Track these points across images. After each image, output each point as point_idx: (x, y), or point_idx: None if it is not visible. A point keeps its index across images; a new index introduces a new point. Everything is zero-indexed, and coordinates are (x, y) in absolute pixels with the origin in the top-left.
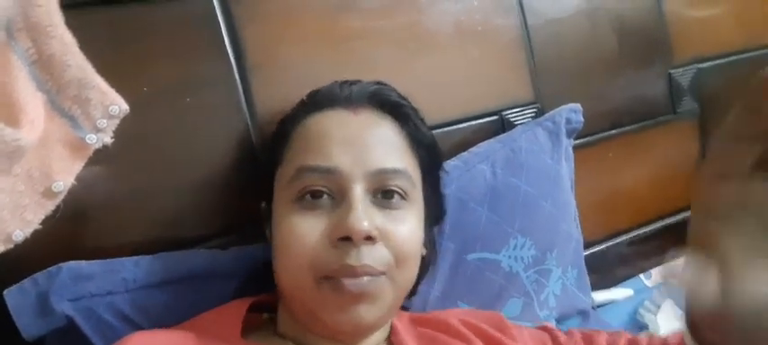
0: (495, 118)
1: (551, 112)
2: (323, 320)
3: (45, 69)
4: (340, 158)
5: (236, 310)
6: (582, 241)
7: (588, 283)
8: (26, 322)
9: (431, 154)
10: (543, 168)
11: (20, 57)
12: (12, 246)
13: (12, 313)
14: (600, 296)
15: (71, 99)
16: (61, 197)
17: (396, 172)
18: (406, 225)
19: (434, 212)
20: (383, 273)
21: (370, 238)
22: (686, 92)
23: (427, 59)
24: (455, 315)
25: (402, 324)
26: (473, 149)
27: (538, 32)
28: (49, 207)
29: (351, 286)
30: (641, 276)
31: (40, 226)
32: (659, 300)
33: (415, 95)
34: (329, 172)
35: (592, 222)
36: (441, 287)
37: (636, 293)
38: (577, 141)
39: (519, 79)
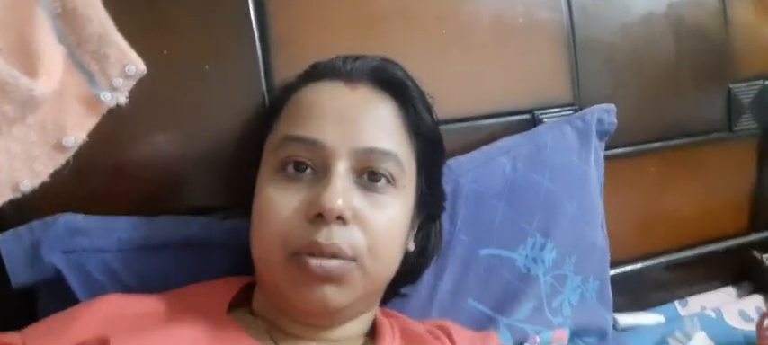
0: (526, 116)
1: (583, 111)
2: (289, 297)
3: (67, 22)
4: (327, 131)
5: (229, 286)
6: (608, 252)
7: (611, 299)
8: (16, 269)
9: (430, 144)
10: (569, 167)
11: (45, 9)
12: (19, 195)
13: (4, 257)
14: (627, 318)
15: (90, 54)
16: (72, 152)
17: (385, 153)
18: (388, 213)
19: (429, 207)
20: (353, 259)
21: (341, 218)
22: (746, 110)
23: (460, 49)
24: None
25: (389, 327)
26: (495, 143)
27: (584, 31)
28: (59, 160)
29: (315, 267)
30: (676, 303)
31: (49, 179)
32: (691, 331)
33: (445, 85)
34: (314, 144)
35: (626, 239)
36: (451, 281)
37: (667, 321)
38: (617, 150)
39: (557, 78)
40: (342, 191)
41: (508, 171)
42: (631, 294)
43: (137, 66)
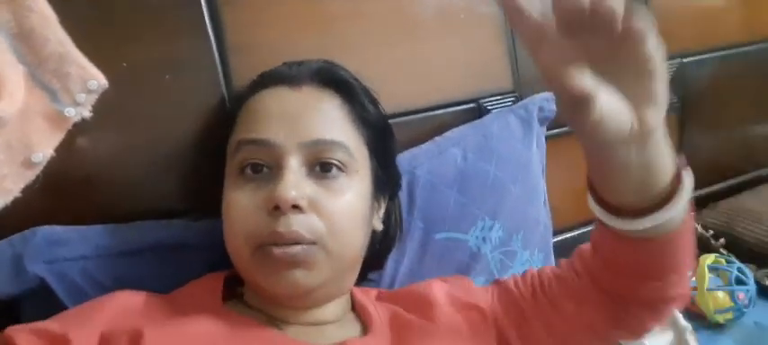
0: (472, 105)
1: (525, 101)
2: (262, 287)
3: (25, 42)
4: (274, 131)
5: (214, 282)
6: (551, 226)
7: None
8: (1, 282)
9: (378, 131)
10: (513, 154)
11: (1, 31)
12: None
13: None
14: None
15: (51, 72)
16: (40, 167)
17: (332, 143)
18: (344, 198)
19: (386, 187)
20: (314, 242)
21: (297, 207)
22: (668, 85)
23: (408, 44)
24: (426, 285)
25: (368, 299)
26: (446, 134)
27: None
28: (29, 176)
29: (279, 254)
30: None
31: (20, 195)
32: None
33: (394, 79)
34: (264, 145)
35: (566, 210)
36: (409, 264)
37: None
38: (554, 130)
39: (499, 68)
40: (294, 183)
41: (459, 161)
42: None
43: (98, 80)
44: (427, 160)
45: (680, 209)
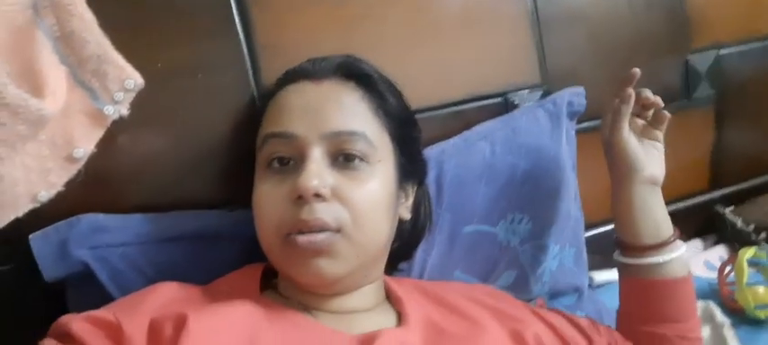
0: (499, 99)
1: (554, 95)
2: (290, 276)
3: (67, 44)
4: (296, 124)
5: (253, 272)
6: (582, 220)
7: (586, 262)
8: (47, 265)
9: (400, 121)
10: (542, 148)
11: (45, 33)
12: (38, 205)
13: (35, 256)
14: (601, 275)
15: (90, 72)
16: (82, 162)
17: (353, 133)
18: (366, 186)
19: (412, 175)
20: (338, 230)
21: (319, 196)
22: (703, 78)
23: (433, 41)
24: (457, 291)
25: (403, 289)
26: (474, 128)
27: (548, 14)
28: (72, 171)
29: (304, 242)
30: None
31: (64, 189)
32: None
33: (420, 76)
34: (288, 138)
35: (598, 204)
36: (438, 256)
37: None
38: (585, 124)
39: (526, 61)
40: (316, 172)
41: (487, 155)
42: (605, 252)
43: (135, 79)
44: (455, 154)
45: (684, 252)
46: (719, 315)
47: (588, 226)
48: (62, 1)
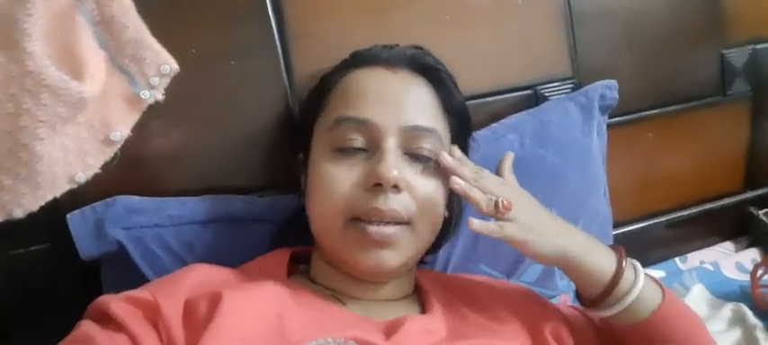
0: (529, 92)
1: (585, 88)
2: (346, 260)
3: (106, 29)
4: (376, 111)
5: (281, 257)
6: (611, 217)
7: None
8: (84, 244)
9: (461, 121)
10: (572, 142)
11: (85, 18)
12: (75, 186)
13: (72, 234)
14: None
15: (128, 57)
16: (119, 145)
17: (427, 130)
18: (432, 182)
19: None
20: (408, 222)
21: (396, 186)
22: (739, 74)
23: (463, 31)
24: (479, 284)
25: (427, 281)
26: (503, 120)
27: (581, 5)
28: (108, 153)
29: (374, 232)
30: (677, 259)
31: (100, 171)
32: (690, 283)
33: (450, 65)
34: (365, 124)
35: (627, 201)
36: (463, 248)
37: (668, 275)
38: (616, 119)
39: (557, 54)
40: (395, 163)
41: (516, 147)
42: (634, 252)
43: (170, 65)
44: (484, 145)
45: (633, 297)
46: (751, 318)
47: (616, 225)
48: None
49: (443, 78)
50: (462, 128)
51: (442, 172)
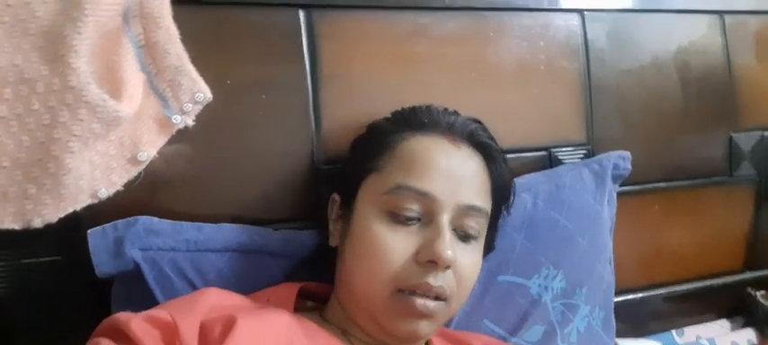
0: (544, 152)
1: (600, 156)
2: (384, 325)
3: (149, 53)
4: (438, 185)
5: (289, 290)
6: (614, 285)
7: (614, 327)
8: (101, 260)
9: (504, 196)
10: (584, 207)
11: (130, 41)
12: (96, 202)
13: (90, 250)
14: (626, 343)
15: (166, 82)
16: (144, 165)
17: (479, 211)
18: (474, 259)
19: (489, 245)
20: (448, 298)
21: (448, 266)
22: (746, 157)
23: (487, 89)
24: (480, 342)
25: (436, 337)
26: (518, 179)
27: (599, 77)
28: (133, 172)
29: (420, 305)
30: (674, 332)
31: (122, 189)
32: None
33: None
34: (425, 196)
35: (629, 270)
36: (470, 303)
37: None
38: (625, 188)
39: (573, 120)
40: (451, 243)
41: (529, 206)
42: (632, 321)
43: (205, 93)
44: None
45: None
46: None
47: (617, 292)
48: (152, 13)
49: (495, 156)
50: (503, 201)
51: (480, 245)
